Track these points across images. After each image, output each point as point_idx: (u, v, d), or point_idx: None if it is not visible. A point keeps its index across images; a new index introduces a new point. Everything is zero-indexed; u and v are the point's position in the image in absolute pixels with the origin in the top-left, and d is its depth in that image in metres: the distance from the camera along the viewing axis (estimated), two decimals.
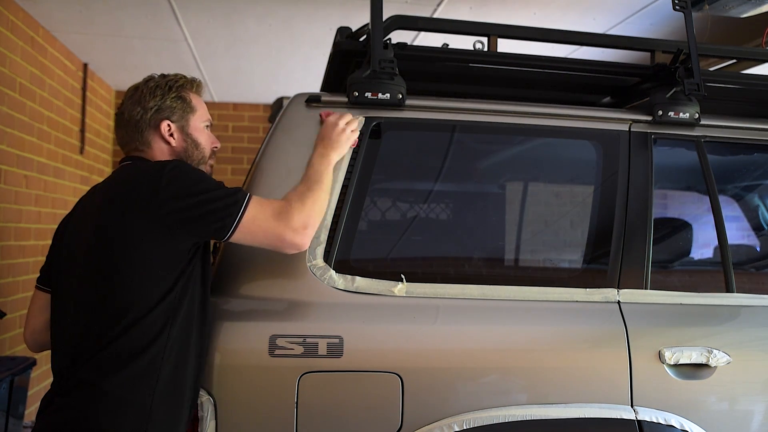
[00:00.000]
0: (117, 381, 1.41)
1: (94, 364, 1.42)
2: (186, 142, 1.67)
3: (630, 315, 1.74)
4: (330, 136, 1.69)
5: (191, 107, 1.68)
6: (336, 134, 1.69)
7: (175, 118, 1.65)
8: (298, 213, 1.53)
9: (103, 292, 1.45)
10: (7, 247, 3.46)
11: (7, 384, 2.54)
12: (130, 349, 1.42)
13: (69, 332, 1.49)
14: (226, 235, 1.49)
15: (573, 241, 2.11)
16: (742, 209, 2.57)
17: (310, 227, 1.55)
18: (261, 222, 1.50)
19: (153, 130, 1.64)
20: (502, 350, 1.68)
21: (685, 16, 1.90)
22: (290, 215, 1.52)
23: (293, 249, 1.55)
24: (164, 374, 1.44)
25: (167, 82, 1.66)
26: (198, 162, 1.69)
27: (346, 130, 1.71)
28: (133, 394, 1.41)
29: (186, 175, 1.50)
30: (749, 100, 2.18)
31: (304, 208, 1.54)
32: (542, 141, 1.99)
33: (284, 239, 1.52)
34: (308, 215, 1.54)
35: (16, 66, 3.50)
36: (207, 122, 1.73)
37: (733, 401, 1.75)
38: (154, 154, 1.65)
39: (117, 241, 1.46)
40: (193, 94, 1.71)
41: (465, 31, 1.98)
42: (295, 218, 1.52)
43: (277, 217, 1.52)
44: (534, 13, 3.49)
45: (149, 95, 1.63)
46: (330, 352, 1.58)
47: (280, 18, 3.66)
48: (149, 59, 4.51)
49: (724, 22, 3.14)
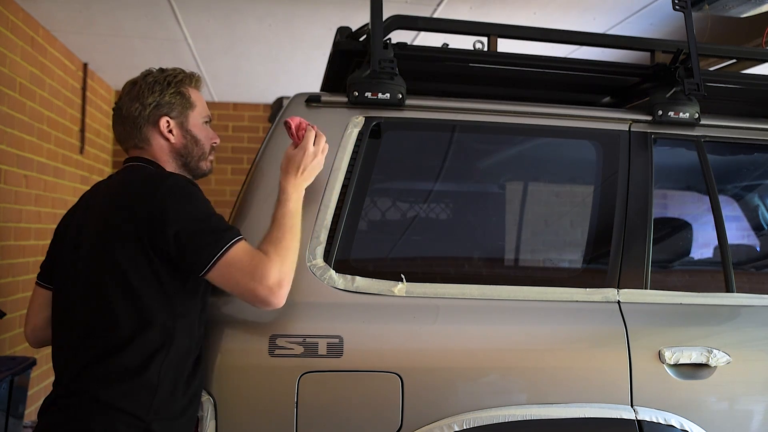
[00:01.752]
0: (115, 394, 1.40)
1: (93, 373, 1.41)
2: (185, 138, 1.65)
3: (630, 315, 1.74)
4: (305, 163, 1.60)
5: (190, 103, 1.66)
6: (311, 161, 1.61)
7: (174, 114, 1.63)
8: (273, 268, 1.43)
9: (104, 302, 1.45)
10: (7, 247, 3.46)
11: (7, 384, 2.53)
12: (129, 363, 1.41)
13: (72, 334, 1.48)
14: (202, 271, 1.43)
15: (573, 241, 2.11)
16: (742, 209, 2.57)
17: (285, 284, 1.46)
18: (236, 271, 1.42)
19: (152, 127, 1.61)
20: (502, 350, 1.68)
21: (685, 16, 1.90)
22: (266, 271, 1.43)
23: (266, 307, 1.46)
24: (163, 388, 1.43)
25: (166, 78, 1.63)
26: (198, 158, 1.68)
27: (318, 154, 1.63)
28: (131, 407, 1.40)
29: (178, 202, 1.45)
30: (749, 100, 2.18)
31: (278, 261, 1.45)
32: (542, 141, 1.99)
33: (257, 296, 1.44)
34: (282, 271, 1.45)
35: (16, 66, 3.50)
36: (206, 118, 1.70)
37: (733, 401, 1.75)
38: (154, 151, 1.63)
39: (118, 260, 1.45)
40: (192, 89, 1.68)
41: (465, 31, 1.98)
42: (271, 275, 1.43)
43: (252, 272, 1.42)
44: (534, 13, 3.49)
45: (148, 91, 1.60)
46: (330, 352, 1.58)
47: (280, 18, 3.66)
48: (149, 59, 4.50)
49: (724, 22, 3.14)
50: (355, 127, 1.77)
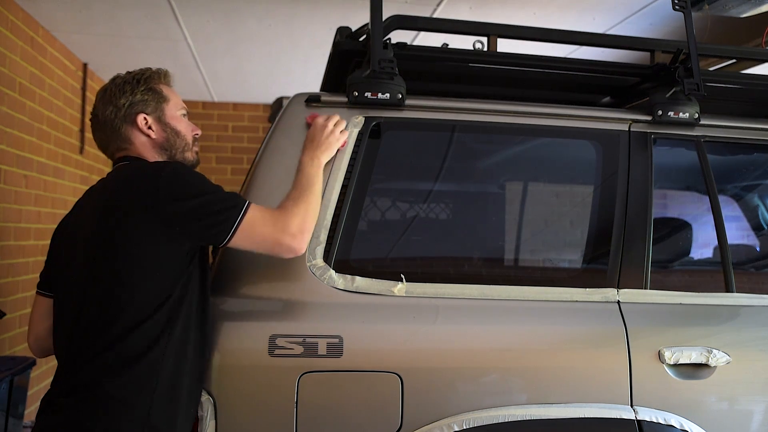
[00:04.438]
0: (116, 384, 1.41)
1: (93, 366, 1.42)
2: (165, 131, 1.67)
3: (630, 315, 1.74)
4: (319, 138, 1.70)
5: (163, 97, 1.68)
6: (325, 136, 1.70)
7: (149, 110, 1.65)
8: (294, 218, 1.55)
9: (104, 295, 1.45)
10: (7, 247, 3.46)
11: (7, 384, 2.53)
12: (130, 352, 1.42)
13: (70, 334, 1.49)
14: (225, 240, 1.50)
15: (573, 241, 2.11)
16: (742, 209, 2.57)
17: (306, 232, 1.57)
18: (259, 227, 1.52)
19: (130, 126, 1.64)
20: (502, 350, 1.68)
21: (684, 16, 1.90)
22: (287, 221, 1.54)
23: (290, 253, 1.56)
24: (163, 378, 1.44)
25: (134, 77, 1.66)
26: (182, 150, 1.69)
27: (335, 131, 1.72)
28: (132, 398, 1.41)
29: (185, 178, 1.50)
30: (749, 100, 2.18)
31: (299, 213, 1.56)
32: (542, 141, 1.99)
33: (282, 244, 1.53)
34: (304, 220, 1.56)
35: (15, 66, 3.50)
36: (182, 110, 1.73)
37: (733, 401, 1.75)
38: (138, 149, 1.65)
39: (117, 244, 1.46)
40: (163, 84, 1.71)
41: (465, 30, 1.97)
42: (292, 223, 1.54)
43: (274, 223, 1.53)
44: (534, 13, 3.49)
45: (119, 93, 1.63)
46: (330, 351, 1.58)
47: (280, 18, 3.66)
48: (149, 59, 4.50)
49: (724, 22, 3.14)
50: (354, 127, 1.77)
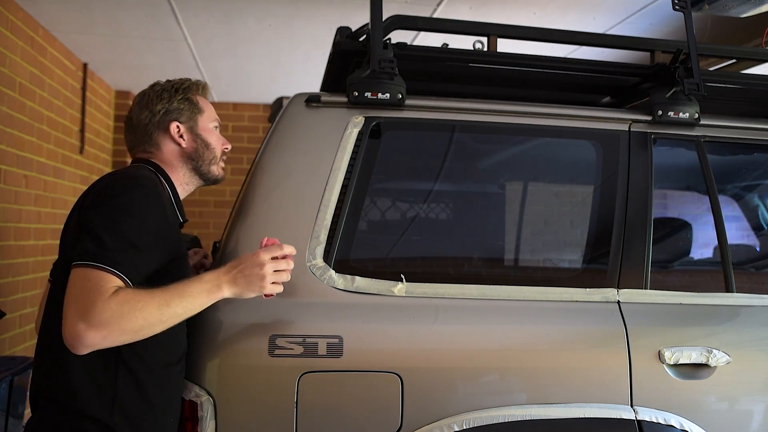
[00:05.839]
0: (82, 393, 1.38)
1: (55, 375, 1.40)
2: (196, 142, 1.68)
3: (630, 315, 1.74)
4: (244, 265, 1.44)
5: (199, 108, 1.70)
6: (254, 273, 1.43)
7: (183, 119, 1.66)
8: (106, 312, 1.25)
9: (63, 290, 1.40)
10: (7, 247, 3.46)
11: (7, 384, 2.53)
12: (94, 360, 1.37)
13: (46, 333, 1.48)
14: (70, 263, 1.34)
15: (573, 241, 2.11)
16: (742, 209, 2.57)
17: (102, 331, 1.24)
18: (85, 287, 1.27)
19: (162, 132, 1.65)
20: (502, 350, 1.68)
21: (684, 16, 1.90)
22: (94, 310, 1.24)
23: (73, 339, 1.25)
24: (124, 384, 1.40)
25: (173, 86, 1.68)
26: (209, 162, 1.70)
27: (266, 276, 1.44)
28: (98, 407, 1.38)
29: (120, 198, 1.42)
30: (749, 100, 2.18)
31: (120, 314, 1.26)
32: (542, 141, 1.99)
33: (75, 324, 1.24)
34: (113, 322, 1.25)
35: (15, 66, 3.50)
36: (215, 123, 1.74)
37: (733, 401, 1.75)
38: (164, 156, 1.66)
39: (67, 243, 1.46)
40: (200, 96, 1.73)
41: (465, 31, 1.98)
42: (96, 315, 1.24)
43: (85, 302, 1.25)
44: (534, 13, 3.49)
45: (156, 99, 1.65)
46: (330, 352, 1.58)
47: (280, 18, 3.66)
48: (149, 59, 4.50)
49: (724, 22, 3.14)
50: (354, 127, 1.77)
